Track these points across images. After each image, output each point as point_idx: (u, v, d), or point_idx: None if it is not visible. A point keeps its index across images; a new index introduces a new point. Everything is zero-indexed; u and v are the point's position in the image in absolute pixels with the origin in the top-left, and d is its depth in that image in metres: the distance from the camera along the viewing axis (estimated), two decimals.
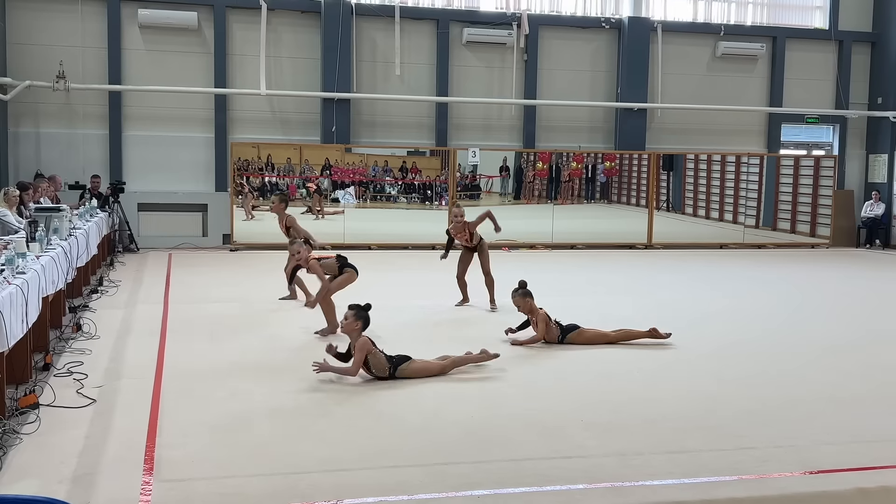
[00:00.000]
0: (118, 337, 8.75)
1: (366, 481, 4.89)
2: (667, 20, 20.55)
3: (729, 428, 6.02)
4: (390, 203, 20.16)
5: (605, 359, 8.12)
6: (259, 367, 7.50)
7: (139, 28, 18.00)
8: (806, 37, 21.26)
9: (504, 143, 20.11)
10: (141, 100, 18.16)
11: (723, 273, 15.22)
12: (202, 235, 18.17)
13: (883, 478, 5.07)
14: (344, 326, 7.20)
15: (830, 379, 7.51)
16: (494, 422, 6.08)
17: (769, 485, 4.98)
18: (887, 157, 21.24)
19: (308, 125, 19.07)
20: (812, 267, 16.38)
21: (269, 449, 5.41)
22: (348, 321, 7.12)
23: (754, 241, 20.40)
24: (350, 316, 7.13)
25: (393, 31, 19.05)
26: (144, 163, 18.18)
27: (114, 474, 4.94)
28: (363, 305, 7.25)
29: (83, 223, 11.57)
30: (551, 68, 20.10)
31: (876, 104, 21.38)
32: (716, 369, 7.81)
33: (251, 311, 10.53)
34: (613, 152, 20.51)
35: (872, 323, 10.51)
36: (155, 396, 6.53)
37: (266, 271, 14.37)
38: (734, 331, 9.73)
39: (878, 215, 20.81)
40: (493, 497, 4.72)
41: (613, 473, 5.08)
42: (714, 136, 20.99)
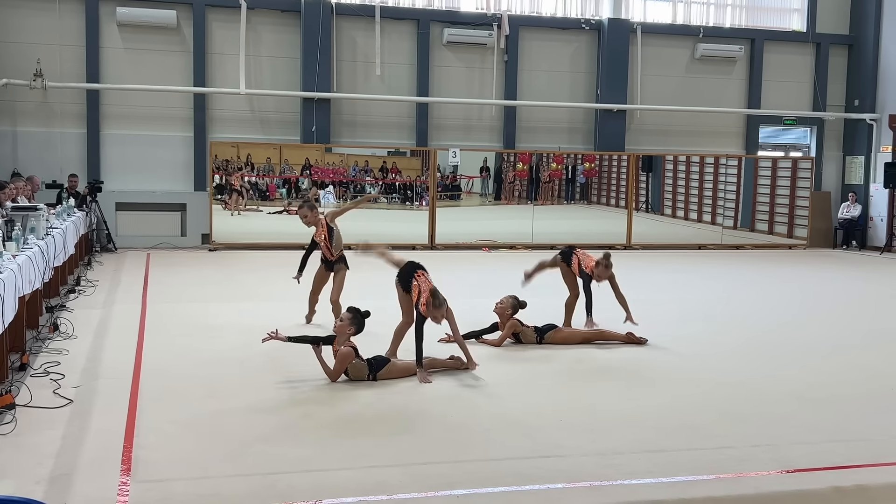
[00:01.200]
0: (95, 337, 8.69)
1: (345, 481, 4.89)
2: (646, 22, 20.65)
3: (707, 427, 6.05)
4: (370, 203, 20.10)
5: (583, 358, 8.15)
6: (238, 367, 7.47)
7: (118, 26, 17.89)
8: (784, 39, 21.42)
9: (484, 143, 20.14)
10: (119, 98, 18.05)
11: (701, 274, 15.31)
12: (181, 235, 18.09)
13: (858, 477, 5.12)
14: (337, 327, 7.15)
15: (807, 379, 7.57)
16: (474, 421, 6.08)
17: (746, 484, 5.01)
18: (864, 159, 21.44)
19: (288, 125, 19.02)
20: (789, 268, 16.50)
21: (248, 449, 5.39)
22: (343, 323, 7.08)
23: (732, 242, 20.53)
24: (346, 318, 7.09)
25: (373, 30, 19.03)
26: (122, 162, 18.07)
27: (91, 475, 4.91)
28: (363, 312, 7.20)
29: (60, 222, 11.48)
30: (531, 69, 20.15)
31: (853, 106, 21.58)
32: (694, 369, 7.86)
33: (230, 310, 10.49)
34: (593, 153, 20.58)
35: (849, 323, 10.60)
36: (132, 397, 6.49)
37: (245, 271, 14.34)
38: (712, 331, 9.79)
39: (854, 217, 21.00)
40: (472, 497, 4.73)
41: (592, 473, 5.10)
42: (693, 137, 21.12)
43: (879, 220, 20.76)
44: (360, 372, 7.05)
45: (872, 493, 4.90)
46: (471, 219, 20.15)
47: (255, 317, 10.08)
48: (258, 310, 10.60)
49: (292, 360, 7.59)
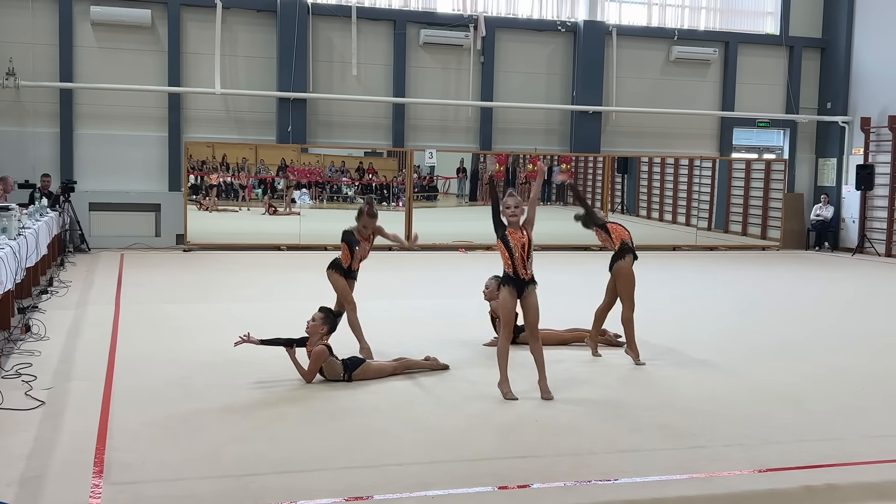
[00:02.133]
0: (68, 338, 8.62)
1: (319, 483, 4.88)
2: (621, 24, 20.75)
3: (679, 427, 6.09)
4: (347, 204, 20.08)
5: (558, 358, 8.17)
6: (212, 368, 7.43)
7: (91, 25, 17.75)
8: (757, 42, 21.60)
9: (461, 144, 20.17)
10: (93, 98, 17.91)
11: (676, 274, 15.40)
12: (155, 235, 17.98)
13: (829, 476, 5.17)
14: (310, 327, 7.11)
15: (779, 379, 7.64)
16: (448, 422, 6.09)
17: (719, 483, 5.05)
18: (836, 161, 21.66)
19: (263, 125, 18.95)
20: (763, 269, 16.64)
21: (222, 451, 5.37)
22: (316, 323, 7.05)
23: (706, 243, 20.68)
24: (318, 318, 7.07)
25: (349, 31, 19.00)
26: (96, 162, 17.93)
27: (63, 477, 4.87)
28: (335, 312, 7.19)
29: (33, 223, 11.37)
30: (507, 70, 20.20)
31: (825, 109, 21.80)
32: (667, 369, 7.91)
33: (204, 311, 10.44)
34: (569, 154, 20.66)
35: (821, 324, 10.71)
36: (105, 398, 6.44)
37: (220, 271, 14.28)
38: (685, 331, 9.85)
39: (826, 218, 21.22)
40: (447, 497, 4.73)
41: (567, 473, 5.12)
42: (668, 139, 21.25)
43: (851, 222, 20.99)
44: (335, 371, 7.04)
45: (842, 492, 4.95)
46: (447, 219, 20.16)
47: (229, 317, 10.03)
48: (233, 310, 10.55)
49: (266, 361, 7.57)
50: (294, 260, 16.03)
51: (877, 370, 8.10)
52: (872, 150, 20.47)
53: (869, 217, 20.44)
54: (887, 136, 20.00)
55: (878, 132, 20.33)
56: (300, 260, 16.03)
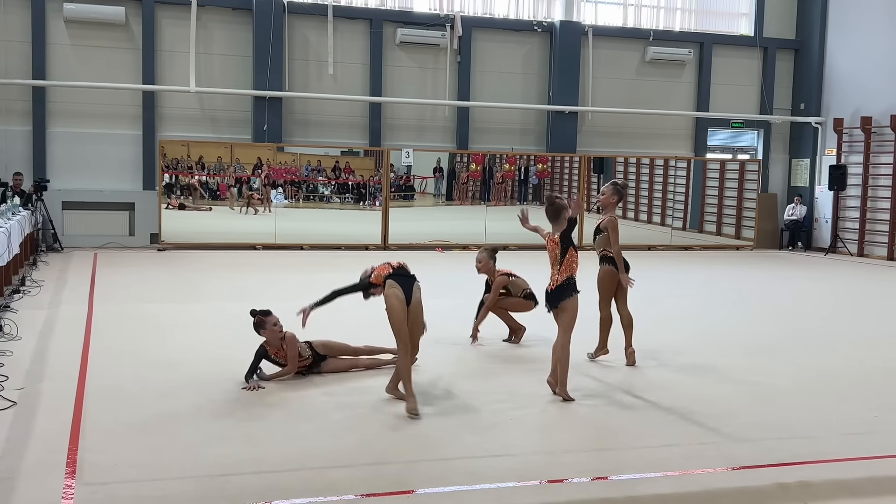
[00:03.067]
0: (41, 338, 8.54)
1: (295, 483, 4.86)
2: (597, 25, 20.83)
3: (653, 425, 6.13)
4: (323, 203, 20.05)
5: (535, 358, 8.20)
6: (186, 368, 7.39)
7: (65, 22, 17.59)
8: (732, 43, 21.76)
9: (437, 143, 20.17)
10: (66, 96, 17.75)
11: (650, 274, 15.46)
12: (129, 235, 17.84)
13: (801, 473, 5.22)
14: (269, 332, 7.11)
15: (752, 377, 7.70)
16: (424, 421, 6.09)
17: (692, 481, 5.08)
18: (809, 161, 21.85)
19: (239, 123, 18.86)
20: (737, 268, 16.76)
21: (196, 451, 5.34)
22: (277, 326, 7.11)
23: (681, 243, 20.81)
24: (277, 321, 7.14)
25: (326, 29, 18.95)
26: (69, 160, 17.77)
27: (35, 478, 4.82)
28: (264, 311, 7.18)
29: (4, 221, 11.25)
30: (484, 70, 20.22)
31: (799, 110, 21.99)
32: (641, 368, 7.95)
33: (178, 311, 10.37)
34: (545, 154, 20.72)
35: (794, 322, 10.80)
36: (78, 398, 6.39)
37: (194, 271, 14.19)
38: (659, 330, 9.90)
39: (800, 218, 21.40)
40: (423, 496, 4.73)
41: (543, 472, 5.13)
42: (643, 139, 21.36)
43: (824, 222, 21.19)
44: (304, 352, 7.26)
45: (814, 490, 5.00)
46: (424, 219, 20.17)
47: (204, 317, 9.99)
48: (207, 310, 10.50)
49: (241, 360, 7.53)
50: (270, 259, 15.97)
51: (849, 368, 8.18)
52: (845, 150, 20.67)
53: (841, 217, 20.64)
54: (860, 137, 20.20)
55: (850, 133, 20.54)
56: (276, 259, 15.97)
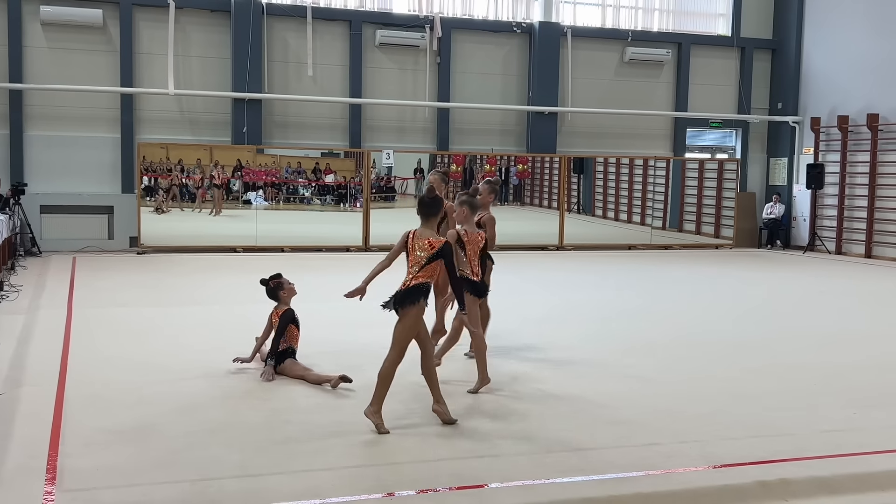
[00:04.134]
0: (19, 343, 8.47)
1: (276, 486, 4.85)
2: (576, 26, 20.89)
3: (635, 424, 6.15)
4: (304, 205, 20.00)
5: (512, 358, 8.21)
6: (166, 373, 7.35)
7: (41, 25, 17.45)
8: (710, 43, 21.88)
9: (418, 144, 20.16)
10: (43, 99, 17.62)
11: (631, 273, 15.55)
12: (108, 238, 17.72)
13: (782, 471, 5.25)
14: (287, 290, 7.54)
15: (733, 375, 7.75)
16: (407, 423, 6.08)
17: (674, 479, 5.11)
18: (787, 160, 22.01)
19: (218, 126, 18.78)
20: (716, 267, 16.86)
21: (177, 455, 5.31)
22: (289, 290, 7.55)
23: (661, 242, 20.91)
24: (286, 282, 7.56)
25: (305, 31, 18.90)
26: (47, 164, 17.64)
27: (14, 485, 4.79)
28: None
29: None
30: (464, 71, 20.24)
31: (776, 109, 22.14)
32: (622, 367, 7.98)
33: (158, 315, 10.31)
34: (525, 155, 20.76)
35: (773, 321, 10.88)
36: (58, 404, 6.34)
37: (174, 274, 14.12)
38: (641, 329, 9.95)
39: (778, 217, 21.55)
40: (406, 499, 4.73)
41: (525, 472, 5.14)
42: (622, 139, 21.44)
43: (802, 220, 21.35)
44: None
45: (795, 487, 5.04)
46: (405, 220, 20.06)
47: (184, 321, 9.94)
48: (187, 314, 10.44)
49: (222, 364, 7.51)
50: (250, 262, 15.90)
51: (827, 366, 8.24)
52: (822, 149, 20.83)
53: (819, 215, 20.80)
54: (836, 136, 20.37)
55: (827, 132, 20.70)
56: (256, 262, 15.89)
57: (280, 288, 7.49)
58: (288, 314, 7.37)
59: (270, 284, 7.53)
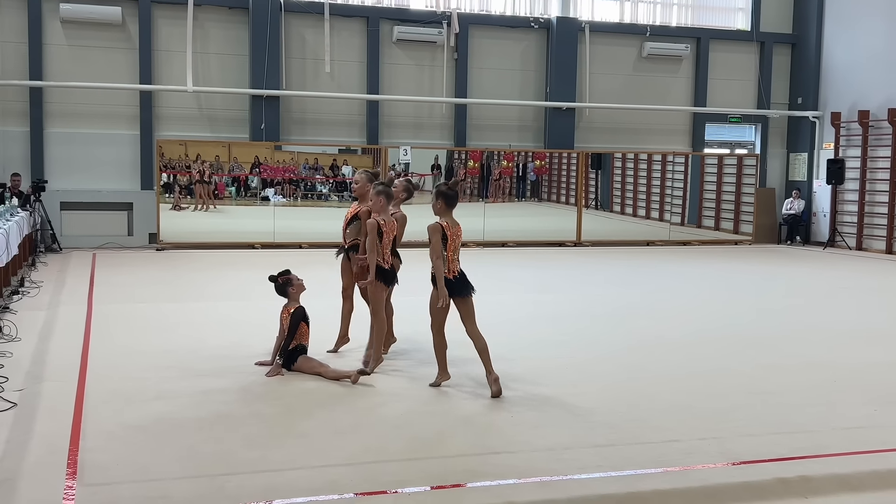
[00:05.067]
0: (40, 339, 8.54)
1: (295, 481, 4.87)
2: (594, 21, 20.81)
3: (654, 421, 6.13)
4: (321, 201, 20.04)
5: (529, 355, 8.21)
6: (186, 368, 7.39)
7: (61, 23, 17.56)
8: (729, 38, 21.74)
9: (435, 141, 20.16)
10: (63, 96, 17.73)
11: (649, 270, 15.49)
12: (127, 235, 17.82)
13: (802, 468, 5.22)
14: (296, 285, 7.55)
15: (752, 372, 7.71)
16: (424, 419, 6.09)
17: (693, 476, 5.09)
18: (807, 155, 21.85)
19: (236, 122, 18.84)
20: (735, 263, 16.78)
21: (196, 451, 5.35)
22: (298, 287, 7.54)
23: (680, 238, 20.81)
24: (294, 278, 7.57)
25: (322, 28, 18.93)
26: (67, 161, 17.75)
27: (36, 479, 4.83)
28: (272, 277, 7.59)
29: (3, 223, 11.24)
30: (481, 67, 20.21)
31: (796, 104, 21.98)
32: (641, 363, 7.96)
33: (177, 311, 10.37)
34: (543, 151, 20.71)
35: (793, 317, 10.81)
36: (78, 399, 6.39)
37: (193, 271, 14.19)
38: (659, 326, 9.91)
39: (798, 212, 21.41)
40: (423, 494, 4.74)
41: (542, 468, 5.14)
42: (641, 135, 21.35)
43: (822, 216, 21.19)
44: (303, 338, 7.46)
45: (815, 484, 5.01)
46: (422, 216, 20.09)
47: (203, 317, 9.98)
48: (206, 310, 10.49)
49: (241, 359, 7.55)
50: (268, 258, 15.94)
51: (848, 363, 8.19)
52: (843, 144, 20.67)
53: (840, 211, 20.65)
54: (857, 131, 20.20)
55: (848, 127, 20.54)
56: (274, 258, 15.93)
57: (289, 284, 7.46)
58: (298, 312, 7.34)
59: (279, 281, 7.49)
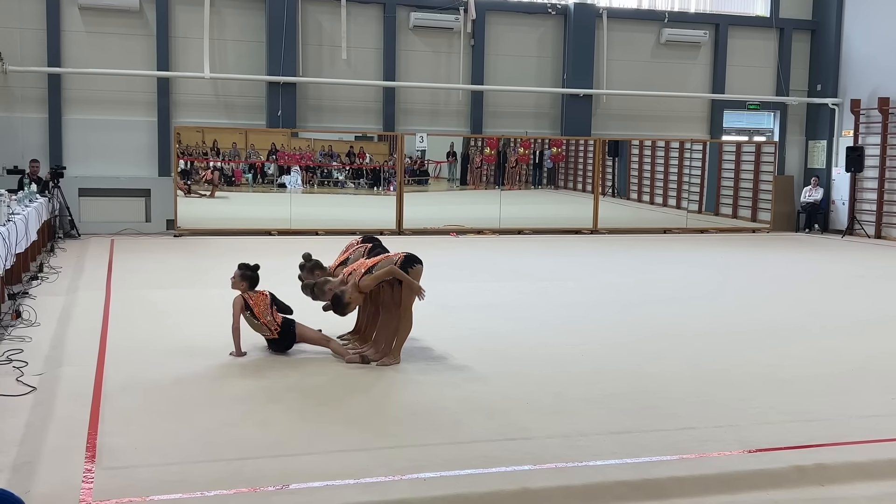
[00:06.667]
0: (59, 324, 8.61)
1: (312, 466, 4.89)
2: (612, 7, 20.70)
3: (670, 408, 6.12)
4: (338, 188, 20.07)
5: (546, 342, 8.20)
6: (203, 353, 7.43)
7: (79, 9, 17.63)
8: (748, 24, 21.58)
9: (451, 128, 20.13)
10: (81, 83, 17.81)
11: (666, 257, 15.44)
12: (145, 221, 17.92)
13: (819, 456, 5.20)
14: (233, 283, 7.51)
15: (769, 360, 7.68)
16: (440, 405, 6.11)
17: (709, 464, 5.08)
18: (826, 143, 21.69)
19: (253, 109, 18.88)
20: (753, 251, 16.69)
21: (214, 435, 5.38)
22: (235, 279, 7.48)
23: (697, 225, 20.72)
24: (237, 275, 7.48)
25: (339, 14, 18.91)
26: (85, 147, 17.85)
27: (55, 462, 4.87)
28: (251, 265, 7.55)
29: (22, 209, 11.31)
30: (498, 54, 20.15)
31: (815, 91, 21.81)
32: (657, 351, 7.94)
33: (195, 296, 10.42)
34: (560, 138, 20.64)
35: (810, 306, 10.76)
36: (97, 383, 6.44)
37: (210, 257, 14.25)
38: (676, 313, 9.88)
39: (816, 200, 21.27)
40: (439, 479, 4.75)
41: (558, 454, 5.14)
42: (658, 122, 21.24)
43: (841, 204, 21.04)
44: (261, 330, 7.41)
45: (832, 472, 4.99)
46: (438, 204, 20.17)
47: (220, 303, 10.00)
48: (224, 296, 10.51)
49: (257, 345, 7.58)
50: (285, 245, 16.00)
51: (866, 350, 8.14)
52: (862, 132, 20.51)
53: (859, 199, 20.50)
54: (877, 118, 20.03)
55: (867, 114, 20.37)
56: (291, 245, 15.98)
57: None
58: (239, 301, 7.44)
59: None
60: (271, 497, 4.46)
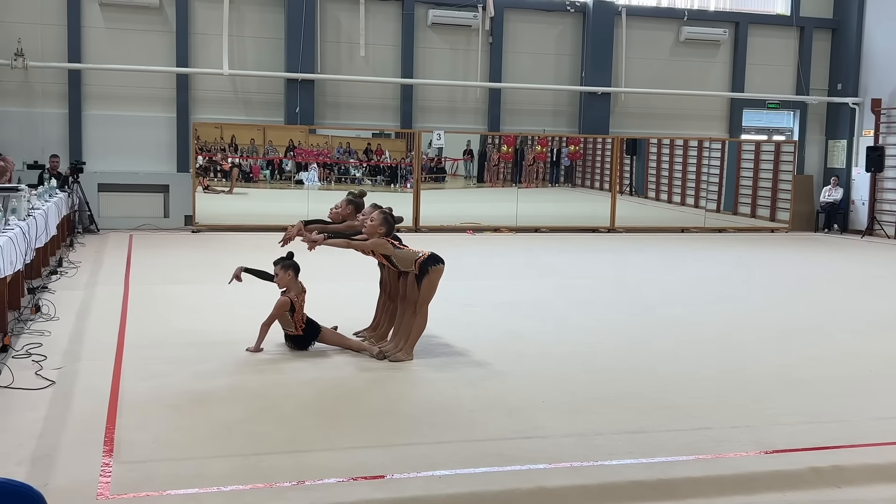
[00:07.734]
0: (78, 318, 8.67)
1: (327, 462, 4.91)
2: (631, 4, 20.63)
3: (686, 408, 6.11)
4: (355, 185, 20.08)
5: (562, 340, 8.20)
6: (220, 349, 7.46)
7: (99, 5, 17.73)
8: (768, 23, 21.46)
9: (469, 125, 20.12)
10: (101, 79, 17.92)
11: (684, 256, 15.38)
12: (164, 216, 18.02)
13: (835, 457, 5.17)
14: (280, 281, 7.48)
15: (786, 360, 7.64)
16: (455, 402, 6.11)
17: (725, 464, 5.06)
18: (846, 142, 21.55)
19: (272, 106, 18.93)
20: (771, 251, 16.61)
21: (231, 430, 5.40)
22: (280, 276, 7.48)
23: (715, 225, 20.63)
24: (280, 271, 7.50)
25: (358, 11, 18.94)
26: (105, 143, 17.96)
27: (73, 456, 4.91)
28: (286, 256, 7.64)
29: (42, 203, 11.39)
30: (516, 51, 20.12)
31: (836, 90, 21.66)
32: (673, 350, 7.92)
33: (213, 292, 10.46)
34: (577, 136, 20.60)
35: (829, 306, 10.70)
36: (115, 378, 6.48)
37: (228, 252, 14.30)
38: (692, 312, 9.85)
39: (836, 200, 21.13)
40: (454, 477, 4.75)
41: (573, 453, 5.14)
42: (677, 120, 21.16)
43: (861, 204, 20.90)
44: (288, 325, 7.42)
45: (848, 474, 4.96)
46: (455, 201, 20.16)
47: (237, 298, 10.05)
48: (241, 291, 10.56)
49: (274, 341, 7.61)
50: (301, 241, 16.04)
51: (884, 352, 8.09)
52: (883, 131, 20.36)
53: (879, 199, 20.36)
54: None
55: (888, 114, 20.21)
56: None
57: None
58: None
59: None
60: (287, 492, 4.48)
